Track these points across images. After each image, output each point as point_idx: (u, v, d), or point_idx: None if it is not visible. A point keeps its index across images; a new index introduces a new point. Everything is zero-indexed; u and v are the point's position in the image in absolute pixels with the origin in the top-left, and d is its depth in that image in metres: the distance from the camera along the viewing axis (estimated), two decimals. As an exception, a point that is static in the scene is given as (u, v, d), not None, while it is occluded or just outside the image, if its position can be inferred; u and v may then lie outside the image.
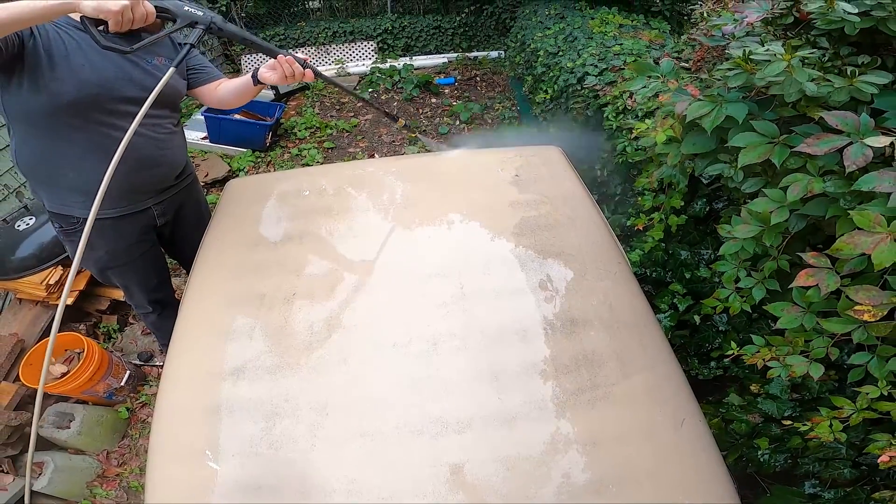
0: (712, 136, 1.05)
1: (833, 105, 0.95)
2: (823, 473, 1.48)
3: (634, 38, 3.05)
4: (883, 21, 0.97)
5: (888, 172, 0.78)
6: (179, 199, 1.87)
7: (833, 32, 1.04)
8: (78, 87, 1.37)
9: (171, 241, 2.00)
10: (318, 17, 6.25)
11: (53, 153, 1.49)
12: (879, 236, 0.75)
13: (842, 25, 1.00)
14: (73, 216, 1.61)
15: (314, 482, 1.07)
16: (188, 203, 1.93)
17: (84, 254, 1.67)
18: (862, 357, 0.96)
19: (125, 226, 1.71)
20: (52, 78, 1.33)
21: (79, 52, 1.37)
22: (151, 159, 1.62)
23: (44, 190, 1.60)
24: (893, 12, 0.96)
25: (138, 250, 1.82)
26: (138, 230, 1.77)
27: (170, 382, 1.28)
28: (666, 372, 1.27)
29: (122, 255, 1.79)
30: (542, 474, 1.06)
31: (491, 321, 1.32)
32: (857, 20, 0.98)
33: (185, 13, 1.27)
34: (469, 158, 1.99)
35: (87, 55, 1.38)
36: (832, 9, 1.00)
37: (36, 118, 1.41)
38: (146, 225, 1.79)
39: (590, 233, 1.59)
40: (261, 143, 4.30)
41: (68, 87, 1.36)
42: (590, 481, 1.06)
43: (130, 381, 2.39)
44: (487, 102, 5.09)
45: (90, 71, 1.39)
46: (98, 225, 1.57)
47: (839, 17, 0.99)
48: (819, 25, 1.03)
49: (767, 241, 0.97)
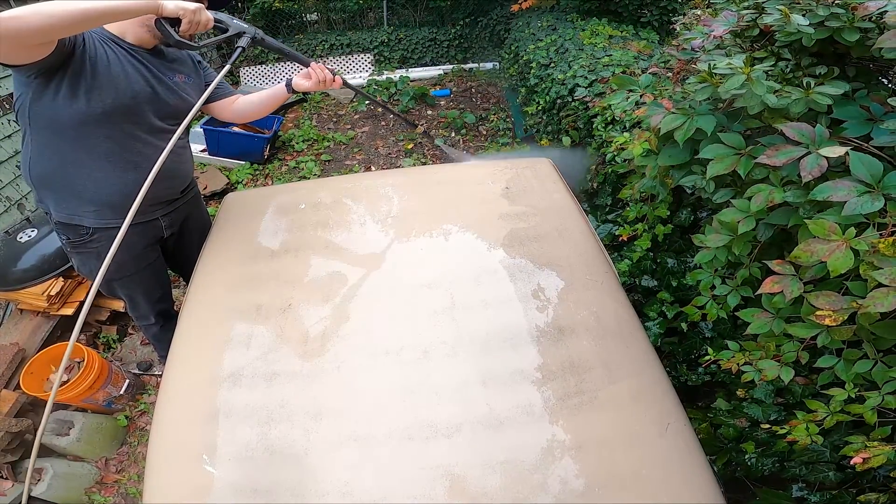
0: (685, 148, 1.10)
1: (794, 116, 0.98)
2: (809, 477, 1.51)
3: (623, 49, 3.12)
4: (838, 31, 1.00)
5: (842, 182, 0.83)
6: (185, 210, 1.92)
7: (794, 44, 1.08)
8: (114, 97, 1.42)
9: (174, 252, 2.03)
10: (315, 30, 6.34)
11: (74, 162, 1.51)
12: (835, 244, 0.79)
13: (799, 37, 1.03)
14: (84, 226, 1.63)
15: (308, 485, 1.10)
16: (193, 214, 1.99)
17: (91, 265, 1.73)
18: (829, 360, 1.00)
19: (134, 237, 1.73)
20: (93, 86, 1.38)
21: (117, 63, 1.43)
22: (168, 171, 1.63)
23: (54, 200, 1.60)
24: (848, 22, 0.99)
25: (145, 261, 1.85)
26: (146, 241, 1.80)
27: (168, 389, 1.32)
28: (651, 378, 1.30)
29: (129, 266, 1.81)
30: (530, 477, 1.09)
31: (480, 330, 1.36)
32: (812, 31, 1.02)
33: (235, 24, 1.47)
34: (461, 171, 2.04)
35: (124, 67, 1.45)
36: (788, 21, 1.03)
37: (64, 126, 1.43)
38: (153, 236, 1.83)
39: (577, 243, 1.63)
40: (259, 155, 4.36)
41: (106, 97, 1.41)
42: (576, 484, 1.09)
43: (129, 389, 2.43)
44: (482, 114, 5.15)
45: (125, 83, 1.44)
46: (107, 235, 1.62)
47: (795, 30, 1.02)
48: (779, 38, 1.06)
49: (737, 251, 1.01)
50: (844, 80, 1.03)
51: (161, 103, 1.56)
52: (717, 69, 1.01)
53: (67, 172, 1.53)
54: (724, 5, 1.26)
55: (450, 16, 6.27)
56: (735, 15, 1.18)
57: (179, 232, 1.94)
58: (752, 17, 1.15)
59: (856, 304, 0.82)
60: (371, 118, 5.23)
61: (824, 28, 1.01)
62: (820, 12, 1.02)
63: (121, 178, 1.55)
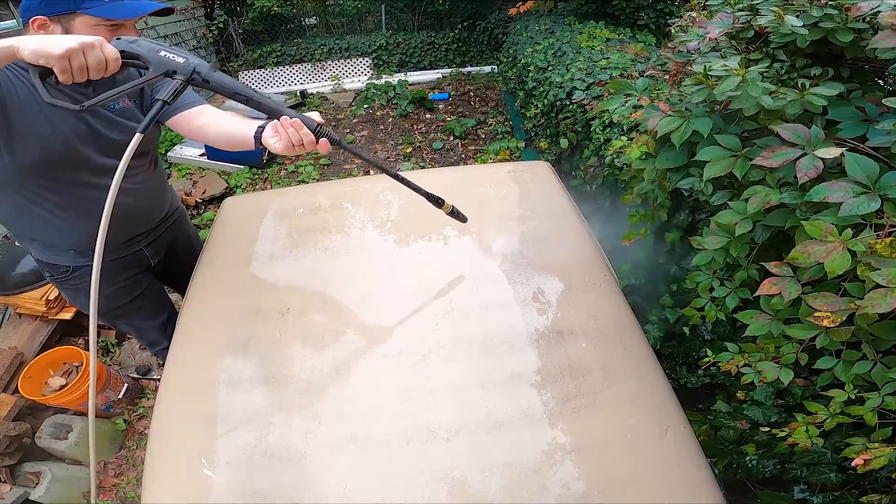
0: (682, 150, 1.10)
1: (789, 118, 0.98)
2: (810, 478, 1.51)
3: (621, 52, 3.13)
4: (832, 32, 1.00)
5: (838, 183, 0.83)
6: (170, 234, 1.81)
7: (789, 45, 1.07)
8: (41, 146, 1.21)
9: (165, 275, 1.93)
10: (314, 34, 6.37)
11: (29, 213, 1.35)
12: (832, 245, 0.80)
13: (794, 38, 1.03)
14: (64, 265, 1.53)
15: (306, 488, 1.10)
16: (179, 235, 1.88)
17: (80, 300, 1.65)
18: (828, 361, 1.00)
19: (117, 272, 1.65)
20: (11, 137, 1.16)
21: (34, 106, 1.17)
22: (134, 209, 1.52)
23: (27, 243, 1.50)
24: (842, 23, 0.99)
25: (137, 289, 1.76)
26: (132, 272, 1.71)
27: (167, 392, 1.32)
28: (650, 380, 1.29)
29: (120, 297, 1.72)
30: (528, 480, 1.09)
31: (479, 333, 1.36)
32: (806, 32, 1.01)
33: (159, 60, 0.97)
34: (459, 175, 2.05)
35: (42, 109, 1.19)
36: (781, 23, 1.03)
37: (1, 181, 1.26)
38: (140, 266, 1.73)
39: (576, 246, 1.63)
40: (258, 159, 4.37)
41: (31, 147, 1.19)
42: (576, 487, 1.09)
43: (128, 393, 2.42)
44: (481, 117, 5.17)
45: (47, 125, 1.20)
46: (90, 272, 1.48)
47: (789, 31, 1.02)
48: (774, 39, 1.06)
49: (734, 252, 1.01)
50: (839, 82, 1.03)
51: (103, 140, 1.33)
52: (713, 71, 1.01)
53: (26, 222, 1.41)
54: (720, 7, 1.26)
55: (448, 20, 6.31)
56: (730, 17, 1.18)
57: (167, 256, 1.83)
58: (746, 18, 1.15)
59: (854, 305, 0.82)
60: (370, 122, 5.24)
61: (818, 29, 1.01)
62: (813, 13, 1.02)
63: (83, 226, 1.41)
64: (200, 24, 6.12)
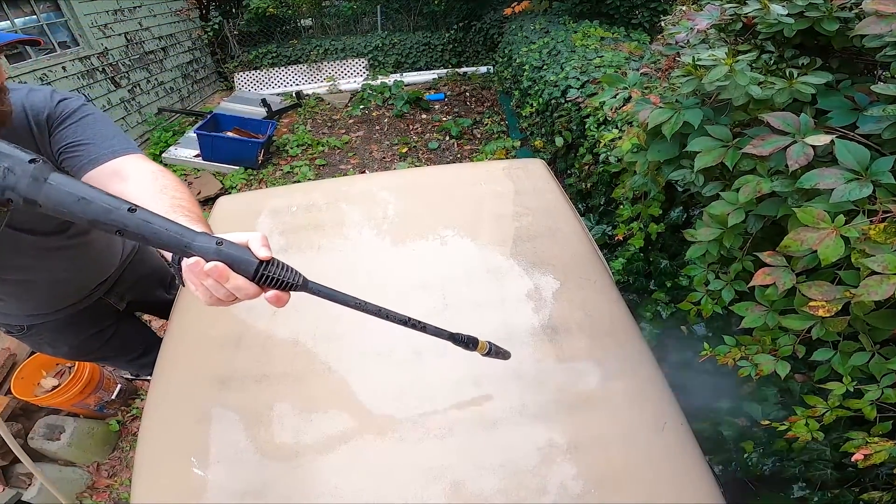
0: (673, 142, 1.09)
1: (778, 107, 0.97)
2: (808, 475, 1.50)
3: (614, 51, 3.13)
4: (818, 22, 0.99)
5: (829, 170, 0.82)
6: (131, 275, 1.68)
7: (776, 36, 1.07)
8: None
9: (142, 305, 1.84)
10: (309, 35, 6.37)
11: None
12: (824, 232, 0.78)
13: (781, 28, 1.02)
14: (17, 324, 1.47)
15: (298, 487, 1.08)
16: (142, 272, 1.75)
17: (45, 350, 1.59)
18: (825, 353, 0.99)
19: (84, 323, 1.58)
20: None
21: None
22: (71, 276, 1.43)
23: None
24: (827, 12, 0.98)
25: (109, 332, 1.69)
26: (98, 320, 1.63)
27: (158, 391, 1.30)
28: (646, 377, 1.29)
29: (93, 343, 1.66)
30: (523, 478, 1.08)
31: (473, 330, 1.34)
32: (792, 22, 1.01)
33: None
34: (454, 172, 2.04)
35: None
36: (767, 12, 1.02)
37: None
38: (105, 313, 1.65)
39: (570, 243, 1.62)
40: (253, 160, 4.36)
41: None
42: (571, 485, 1.07)
43: (122, 394, 2.41)
44: (477, 117, 5.17)
45: None
46: (51, 326, 1.46)
47: (775, 20, 1.01)
48: (761, 30, 1.06)
49: (727, 243, 1.00)
50: (828, 72, 1.03)
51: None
52: (701, 61, 1.00)
53: None
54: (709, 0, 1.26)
55: (444, 20, 6.32)
56: (718, 9, 1.17)
57: (135, 292, 1.73)
58: (733, 10, 1.14)
59: (849, 293, 0.81)
60: (366, 123, 5.24)
61: (804, 18, 1.01)
62: (798, 2, 1.01)
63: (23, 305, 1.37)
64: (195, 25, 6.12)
